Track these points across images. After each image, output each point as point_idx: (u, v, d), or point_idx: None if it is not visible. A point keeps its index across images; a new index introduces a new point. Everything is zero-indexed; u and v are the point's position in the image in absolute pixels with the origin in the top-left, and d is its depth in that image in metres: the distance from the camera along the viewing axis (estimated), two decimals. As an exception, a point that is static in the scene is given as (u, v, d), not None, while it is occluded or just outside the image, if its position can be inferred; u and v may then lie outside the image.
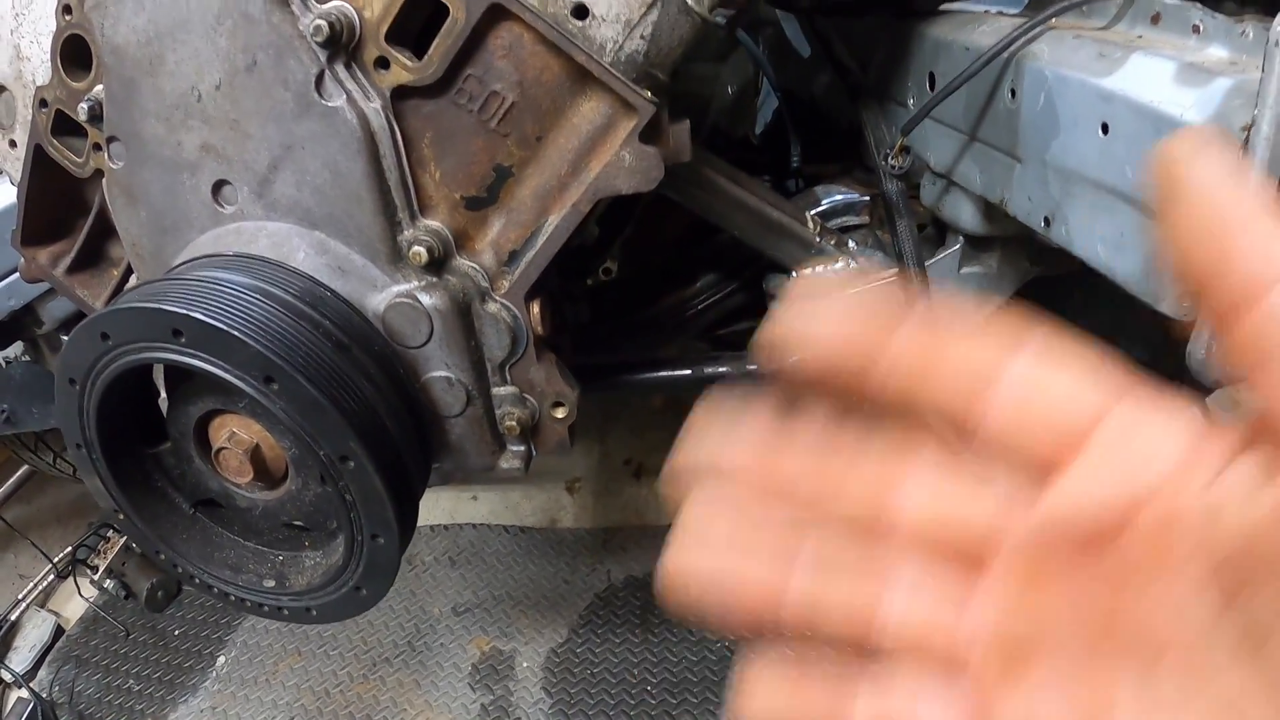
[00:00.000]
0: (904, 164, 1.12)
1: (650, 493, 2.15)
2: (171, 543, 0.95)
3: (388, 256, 0.84)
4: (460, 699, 1.73)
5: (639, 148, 0.79)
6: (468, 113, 0.81)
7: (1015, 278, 1.29)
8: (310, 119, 0.82)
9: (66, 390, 0.87)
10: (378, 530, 0.80)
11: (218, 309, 0.74)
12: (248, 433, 0.86)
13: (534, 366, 0.90)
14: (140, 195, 0.94)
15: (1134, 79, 0.83)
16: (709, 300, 1.39)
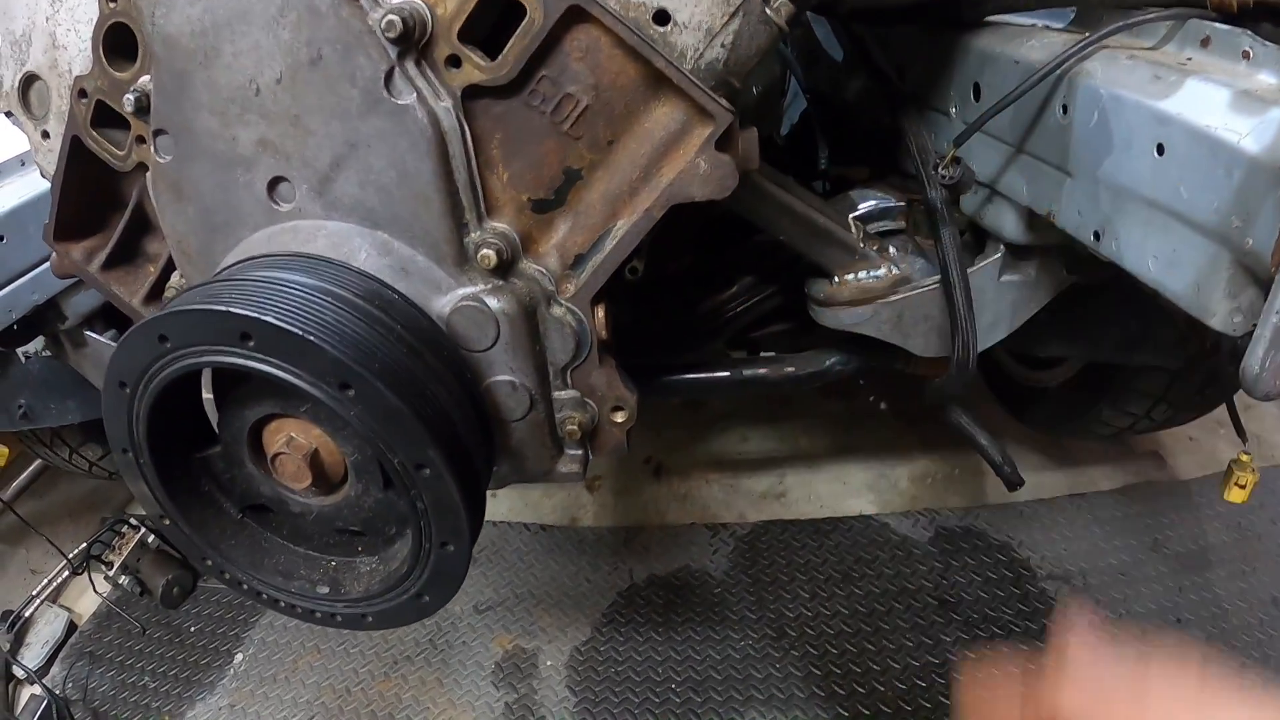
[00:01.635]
0: (954, 174, 1.11)
1: (670, 492, 2.15)
2: (220, 549, 0.93)
3: (454, 259, 0.83)
4: (484, 697, 1.72)
5: (714, 155, 0.78)
6: (539, 114, 0.80)
7: (1052, 286, 1.29)
8: (378, 116, 0.80)
9: (116, 393, 0.85)
10: (448, 538, 0.79)
11: (290, 313, 0.73)
12: (307, 437, 0.84)
13: (596, 371, 0.90)
14: (189, 191, 0.92)
15: (1190, 103, 0.84)
16: (747, 303, 1.39)
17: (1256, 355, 0.78)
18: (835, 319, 1.22)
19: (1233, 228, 0.79)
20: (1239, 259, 0.80)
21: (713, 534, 2.01)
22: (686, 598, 1.86)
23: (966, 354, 1.19)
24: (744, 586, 1.86)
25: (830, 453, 2.21)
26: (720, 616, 1.80)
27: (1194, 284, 0.86)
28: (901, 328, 1.23)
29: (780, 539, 1.97)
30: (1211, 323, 0.85)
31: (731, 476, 2.17)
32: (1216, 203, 0.80)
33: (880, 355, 1.37)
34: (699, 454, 2.26)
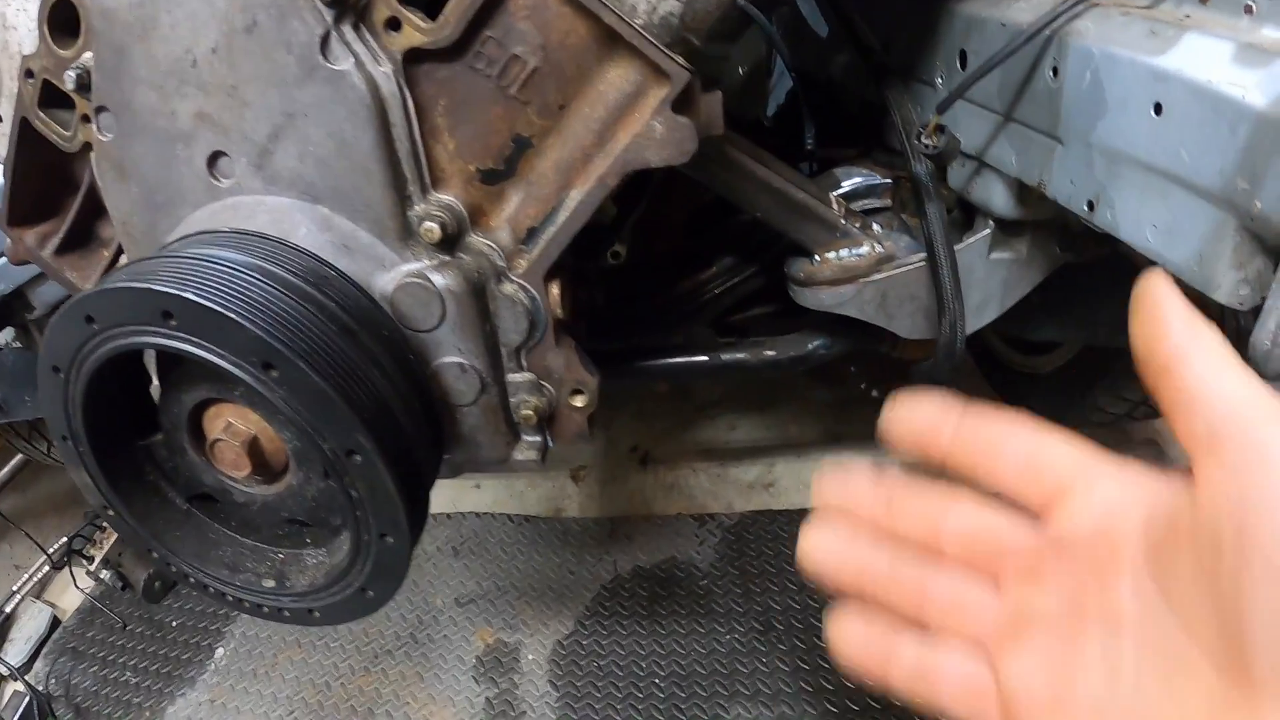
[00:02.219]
0: (938, 143, 1.06)
1: (656, 481, 2.10)
2: (164, 540, 0.90)
3: (397, 233, 0.79)
4: (464, 692, 1.69)
5: (671, 118, 0.73)
6: (485, 78, 0.76)
7: (1045, 264, 1.24)
8: (314, 84, 0.76)
9: (50, 378, 0.82)
10: (387, 529, 0.75)
11: (212, 289, 0.68)
12: (245, 423, 0.80)
13: (552, 352, 0.85)
14: (131, 169, 0.89)
15: (1190, 58, 0.78)
16: (727, 284, 1.34)
17: (1267, 329, 0.73)
18: (816, 299, 1.18)
19: (1239, 190, 0.73)
20: (1246, 225, 0.75)
21: (700, 525, 1.97)
22: (672, 590, 1.82)
23: (954, 335, 1.15)
24: (731, 578, 1.82)
25: (821, 441, 2.16)
26: (706, 609, 1.76)
27: (1196, 254, 0.81)
28: (886, 308, 1.19)
29: (769, 529, 1.93)
30: (1216, 296, 0.80)
31: (719, 465, 2.12)
32: (1220, 164, 0.74)
33: (865, 338, 1.33)
34: (686, 443, 2.22)
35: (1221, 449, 0.43)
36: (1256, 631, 0.40)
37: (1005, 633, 0.53)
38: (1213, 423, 0.43)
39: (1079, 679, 0.49)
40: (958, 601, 0.55)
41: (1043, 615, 0.51)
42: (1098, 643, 0.48)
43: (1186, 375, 0.45)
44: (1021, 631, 0.52)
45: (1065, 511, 0.52)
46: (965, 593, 0.55)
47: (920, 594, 0.56)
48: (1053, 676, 0.50)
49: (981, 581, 0.55)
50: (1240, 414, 0.43)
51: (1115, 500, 0.50)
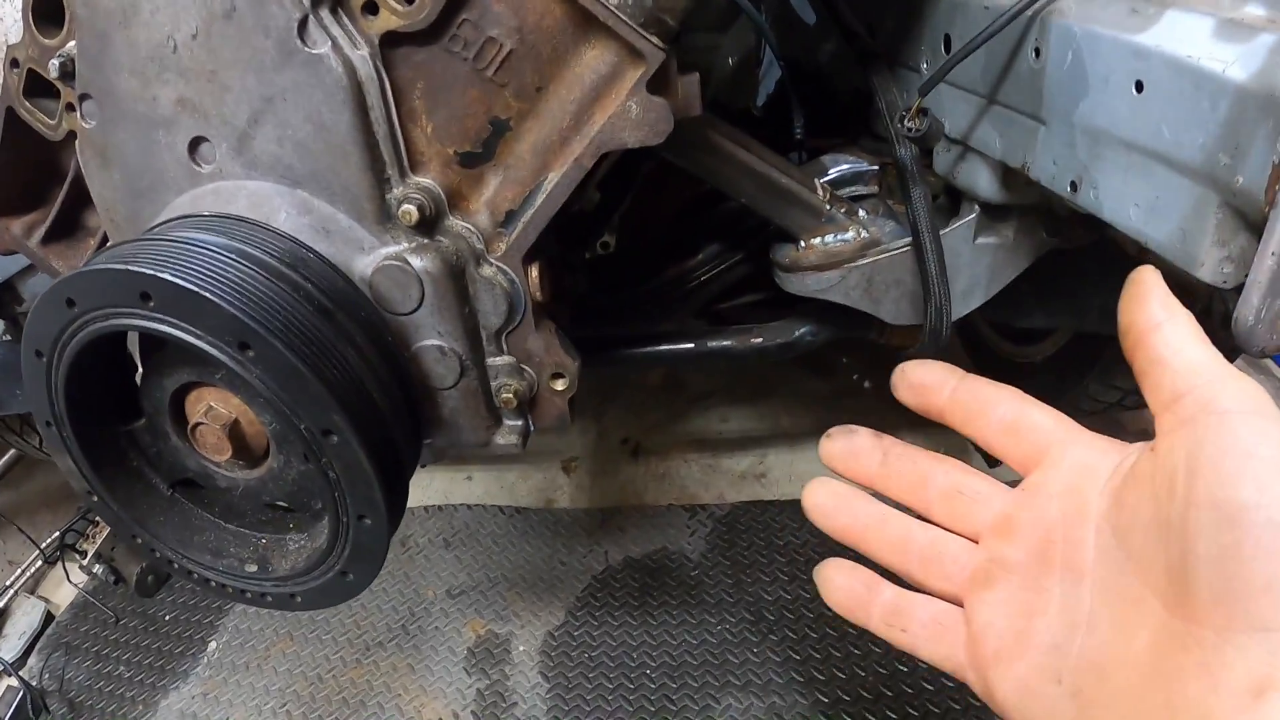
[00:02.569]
0: (921, 126, 1.06)
1: (648, 472, 2.10)
2: (148, 526, 0.90)
3: (375, 216, 0.79)
4: (456, 683, 1.69)
5: (646, 98, 0.73)
6: (462, 61, 0.76)
7: (1031, 250, 1.24)
8: (292, 68, 0.76)
9: (33, 363, 0.82)
10: (364, 511, 0.75)
11: (189, 270, 0.68)
12: (226, 406, 0.80)
13: (532, 335, 0.85)
14: (114, 156, 0.89)
15: (1171, 35, 0.78)
16: (713, 271, 1.34)
17: (1250, 304, 0.72)
18: (801, 285, 1.18)
19: (1220, 166, 0.73)
20: (1228, 201, 0.74)
21: (691, 515, 1.97)
22: (663, 581, 1.82)
23: (940, 321, 1.15)
24: (722, 569, 1.82)
25: (813, 431, 2.14)
26: (697, 600, 1.76)
27: (1179, 231, 0.80)
28: (871, 293, 1.19)
29: (760, 520, 1.93)
30: (1200, 274, 0.80)
31: (711, 456, 2.12)
32: (1202, 139, 0.74)
33: (853, 325, 1.33)
34: (678, 433, 2.22)
35: (1179, 405, 0.49)
36: (1200, 565, 0.45)
37: (977, 579, 0.59)
38: (1175, 383, 0.50)
39: (1039, 620, 0.55)
40: (937, 553, 0.62)
41: (1012, 564, 0.58)
42: (1059, 588, 0.55)
43: (1156, 343, 0.52)
44: (992, 578, 0.58)
45: (1041, 471, 0.58)
46: (945, 546, 0.62)
47: (905, 544, 0.63)
48: (1016, 618, 0.56)
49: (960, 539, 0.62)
50: (1197, 375, 0.49)
51: (1086, 462, 0.56)
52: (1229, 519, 0.44)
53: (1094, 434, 0.59)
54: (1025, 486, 0.59)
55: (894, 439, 0.67)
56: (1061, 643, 0.53)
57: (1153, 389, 0.52)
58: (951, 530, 0.63)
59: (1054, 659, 0.53)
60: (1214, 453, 0.46)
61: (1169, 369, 0.51)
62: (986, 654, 0.57)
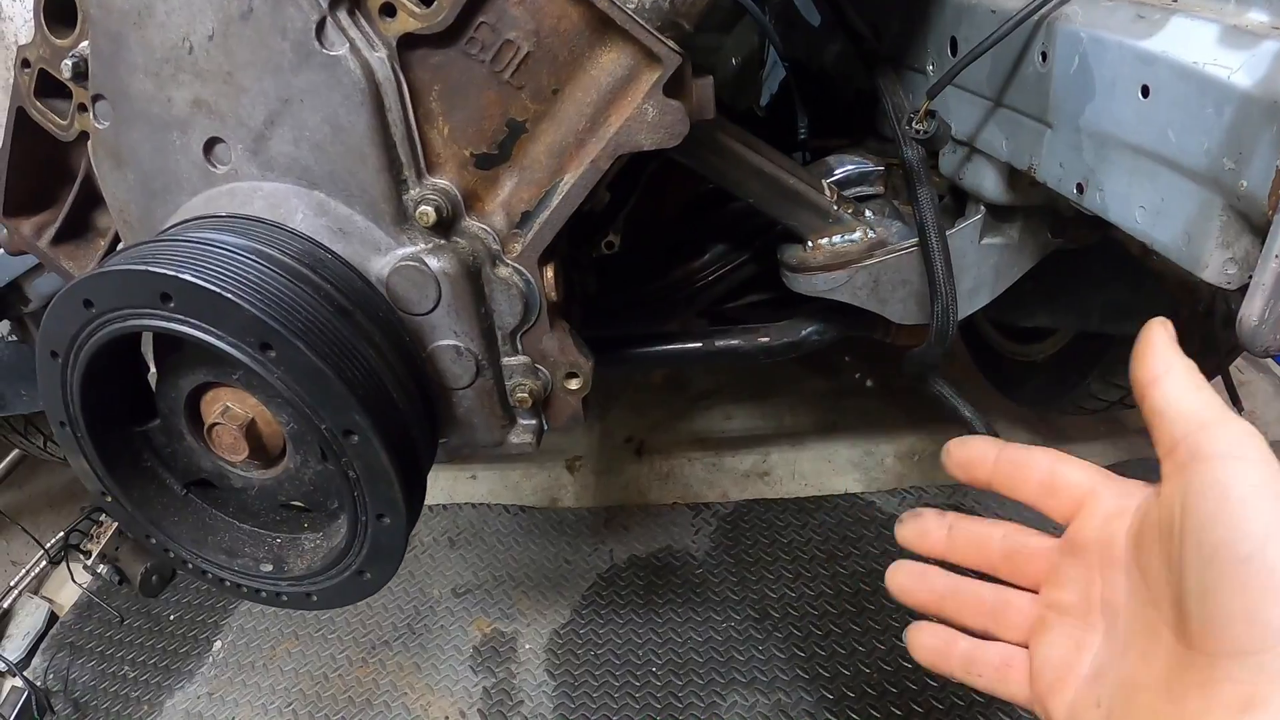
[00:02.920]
0: (928, 128, 1.07)
1: (652, 471, 2.11)
2: (162, 526, 0.90)
3: (392, 217, 0.79)
4: (462, 682, 1.69)
5: (663, 101, 0.74)
6: (479, 64, 0.76)
7: (1036, 250, 1.25)
8: (310, 70, 0.77)
9: (48, 364, 0.82)
10: (384, 510, 0.76)
11: (210, 271, 0.69)
12: (242, 407, 0.81)
13: (547, 335, 0.86)
14: (127, 157, 0.89)
15: (1176, 41, 0.79)
16: (719, 272, 1.35)
17: (1254, 306, 0.74)
18: (809, 284, 1.18)
19: (1225, 170, 0.74)
20: (1232, 204, 0.75)
21: (695, 514, 1.98)
22: (668, 579, 1.83)
23: (946, 320, 1.15)
24: (726, 567, 1.82)
25: (815, 430, 2.17)
26: (702, 598, 1.77)
27: (1184, 234, 0.82)
28: (878, 293, 1.20)
29: (764, 518, 1.93)
30: (1204, 275, 0.81)
31: (715, 455, 2.13)
32: (1207, 144, 0.75)
33: (859, 324, 1.34)
34: (682, 432, 2.22)
35: (1175, 452, 0.54)
36: (1190, 600, 0.51)
37: (1038, 625, 0.67)
38: (1172, 431, 0.55)
39: (1086, 654, 0.62)
40: (1003, 608, 0.69)
41: (1065, 607, 0.65)
42: (1101, 625, 0.62)
43: (1156, 396, 0.56)
44: (1049, 622, 0.65)
45: (1079, 521, 0.64)
46: (1009, 601, 0.69)
47: (976, 604, 0.70)
48: (1068, 653, 0.63)
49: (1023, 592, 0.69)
50: (1189, 423, 0.54)
51: (1114, 509, 0.62)
52: (1208, 558, 0.50)
53: (1121, 480, 0.64)
54: (1067, 537, 0.66)
55: (956, 514, 0.74)
56: (1101, 671, 0.60)
57: (1156, 438, 0.56)
58: (1014, 584, 0.70)
59: (1095, 686, 0.60)
60: (1197, 496, 0.51)
61: (1166, 418, 0.55)
62: (1044, 687, 0.64)
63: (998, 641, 0.70)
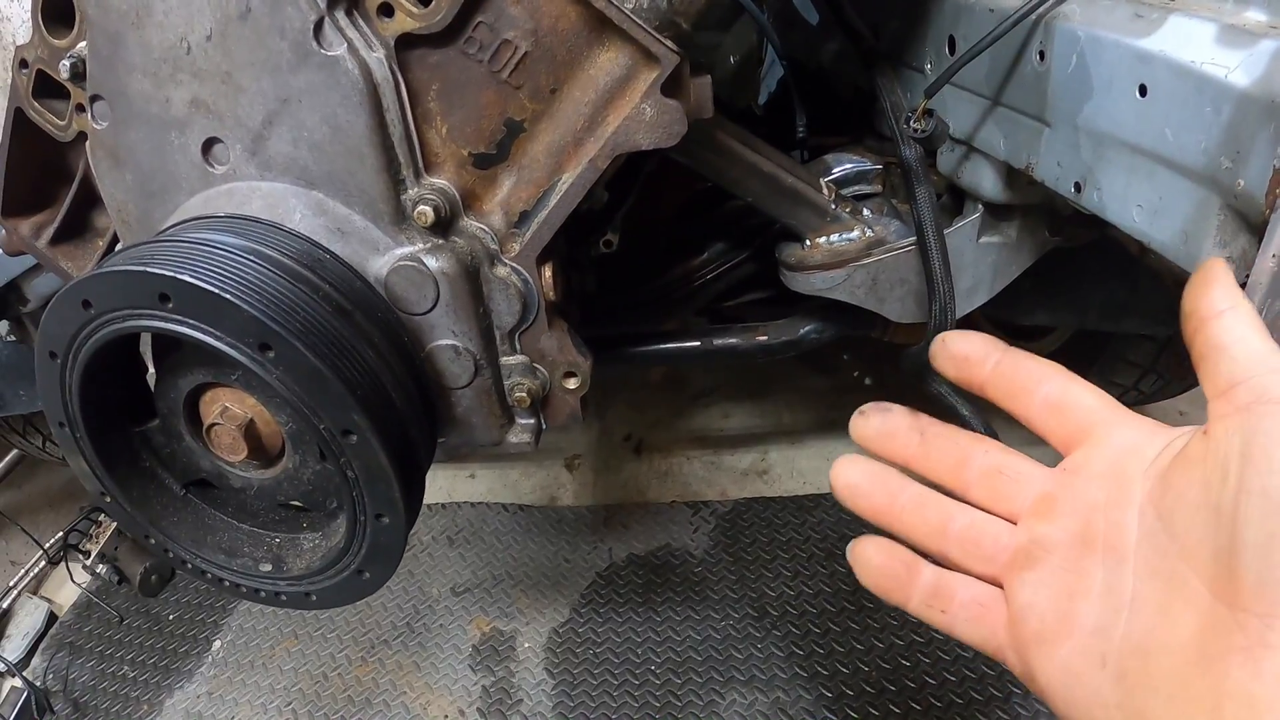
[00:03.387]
0: (926, 127, 1.07)
1: (650, 469, 2.11)
2: (162, 526, 0.90)
3: (391, 217, 0.79)
4: (461, 680, 1.69)
5: (661, 100, 0.74)
6: (477, 63, 0.76)
7: (1034, 249, 1.25)
8: (308, 70, 0.77)
9: (47, 364, 0.82)
10: (382, 509, 0.76)
11: (208, 271, 0.69)
12: (241, 407, 0.81)
13: (545, 334, 0.86)
14: (126, 157, 0.89)
15: (1174, 40, 0.79)
16: (717, 270, 1.35)
17: (1252, 304, 0.74)
18: (807, 283, 1.18)
19: (1222, 169, 0.74)
20: (1229, 203, 0.76)
21: (694, 512, 1.98)
22: (666, 577, 1.83)
23: (944, 318, 1.15)
24: (725, 565, 1.83)
25: (814, 428, 2.17)
26: (701, 596, 1.77)
27: (1181, 233, 0.82)
28: (876, 292, 1.20)
29: (762, 516, 1.94)
30: (1202, 274, 0.81)
31: (713, 453, 2.13)
32: (1204, 143, 0.76)
33: (857, 323, 1.34)
34: (680, 431, 2.23)
35: (1235, 391, 0.49)
36: (1246, 551, 0.45)
37: (1017, 560, 0.59)
38: (1232, 370, 0.50)
39: (1081, 602, 0.55)
40: (977, 535, 0.61)
41: (1053, 544, 0.57)
42: (1100, 571, 0.54)
43: (1218, 330, 0.52)
44: (1033, 558, 0.58)
45: (1084, 451, 0.58)
46: (985, 527, 0.61)
47: (944, 525, 0.62)
48: (1057, 599, 0.56)
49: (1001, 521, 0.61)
50: (1256, 364, 0.49)
51: (1131, 443, 0.56)
52: (1275, 507, 0.44)
53: (1139, 416, 0.59)
54: (1067, 466, 0.59)
55: (930, 418, 0.65)
56: (1105, 625, 0.53)
57: (1210, 374, 0.51)
58: (991, 511, 0.62)
59: (1098, 642, 0.53)
60: (1267, 441, 0.46)
61: (1228, 355, 0.51)
62: (1027, 636, 0.56)
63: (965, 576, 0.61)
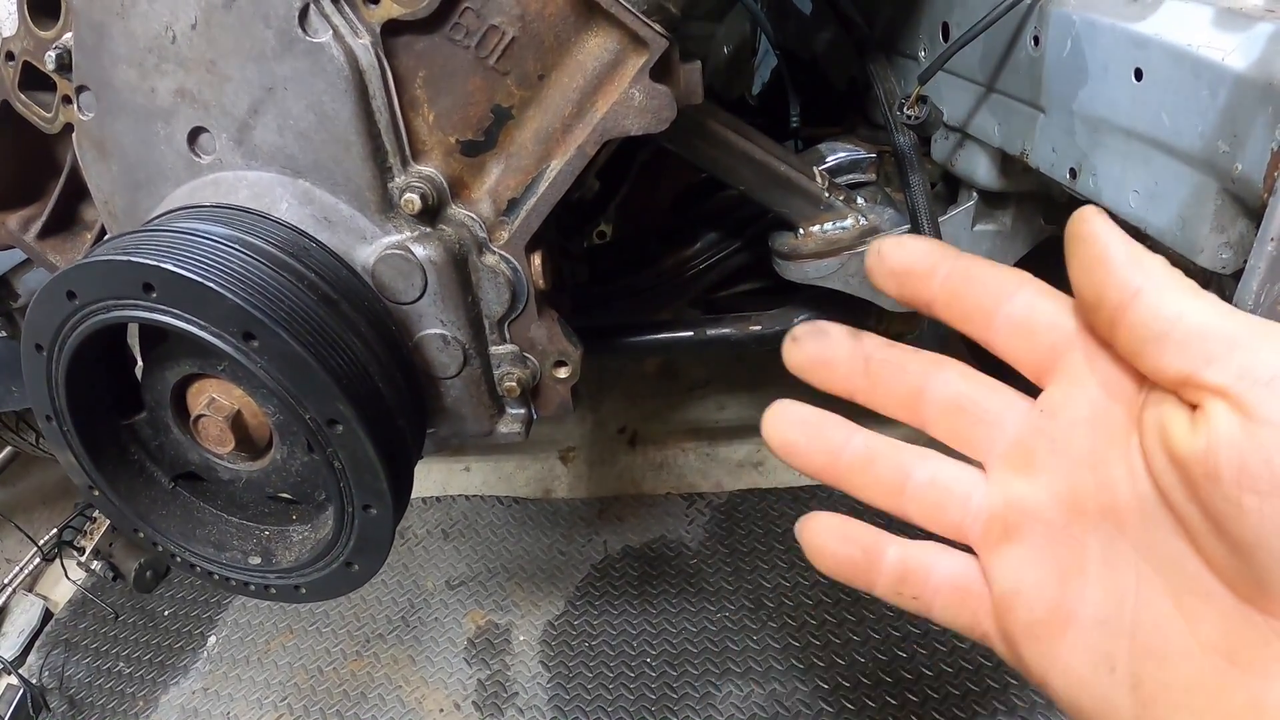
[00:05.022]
0: (920, 114, 1.06)
1: (645, 461, 2.11)
2: (150, 520, 0.89)
3: (377, 206, 0.79)
4: (456, 674, 1.69)
5: (650, 85, 0.73)
6: (464, 49, 0.75)
7: (1029, 236, 1.25)
8: (293, 57, 0.76)
9: (33, 357, 0.81)
10: (370, 500, 0.75)
11: (192, 260, 0.68)
12: (228, 398, 0.80)
13: (535, 323, 0.85)
14: (112, 148, 0.89)
15: (1170, 23, 0.79)
16: (710, 260, 1.34)
17: (1250, 289, 0.73)
18: (800, 272, 1.18)
19: (1219, 153, 0.74)
20: (1227, 188, 0.75)
21: (689, 504, 1.97)
22: (662, 569, 1.82)
23: (938, 308, 1.15)
24: (721, 557, 1.82)
25: (810, 420, 2.17)
26: (696, 588, 1.77)
27: (1178, 218, 0.81)
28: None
29: (758, 508, 1.93)
30: (1199, 260, 0.81)
31: (709, 445, 2.13)
32: (1201, 127, 0.75)
33: (851, 313, 1.33)
34: (675, 422, 2.22)
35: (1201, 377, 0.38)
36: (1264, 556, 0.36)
37: (995, 530, 0.48)
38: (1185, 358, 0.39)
39: (1075, 584, 0.44)
40: (940, 495, 0.50)
41: (1034, 508, 0.46)
42: (1095, 542, 0.44)
43: (1144, 317, 0.40)
44: (1012, 530, 0.47)
45: (1061, 386, 0.46)
46: (949, 484, 0.50)
47: (901, 481, 0.51)
48: (1047, 581, 0.45)
49: (967, 466, 0.50)
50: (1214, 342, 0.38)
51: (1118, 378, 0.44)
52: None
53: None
54: (1043, 405, 0.47)
55: (877, 339, 0.52)
56: (1109, 617, 0.43)
57: (1156, 369, 0.40)
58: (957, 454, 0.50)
59: (1103, 639, 0.43)
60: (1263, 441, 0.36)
61: (1171, 343, 0.39)
62: (1016, 629, 0.46)
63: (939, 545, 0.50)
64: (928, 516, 0.51)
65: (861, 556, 0.52)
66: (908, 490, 0.51)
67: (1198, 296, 0.40)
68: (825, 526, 0.53)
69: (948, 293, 0.48)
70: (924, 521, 0.51)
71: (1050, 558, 0.46)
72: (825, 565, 0.53)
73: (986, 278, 0.48)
